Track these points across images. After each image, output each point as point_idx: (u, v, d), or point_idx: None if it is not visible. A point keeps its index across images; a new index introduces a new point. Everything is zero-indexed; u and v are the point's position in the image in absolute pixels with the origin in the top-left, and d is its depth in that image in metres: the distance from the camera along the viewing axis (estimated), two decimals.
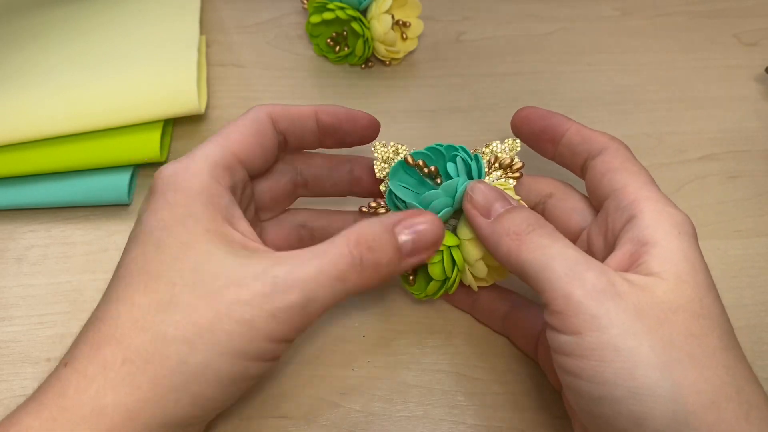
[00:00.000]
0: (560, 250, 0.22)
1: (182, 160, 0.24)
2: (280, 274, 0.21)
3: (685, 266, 0.22)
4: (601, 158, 0.26)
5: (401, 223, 0.24)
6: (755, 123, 0.40)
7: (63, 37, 0.38)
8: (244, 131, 0.26)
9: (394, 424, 0.28)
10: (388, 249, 0.23)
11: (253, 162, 0.26)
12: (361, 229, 0.23)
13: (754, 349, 0.31)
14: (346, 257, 0.22)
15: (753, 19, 0.46)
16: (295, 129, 0.27)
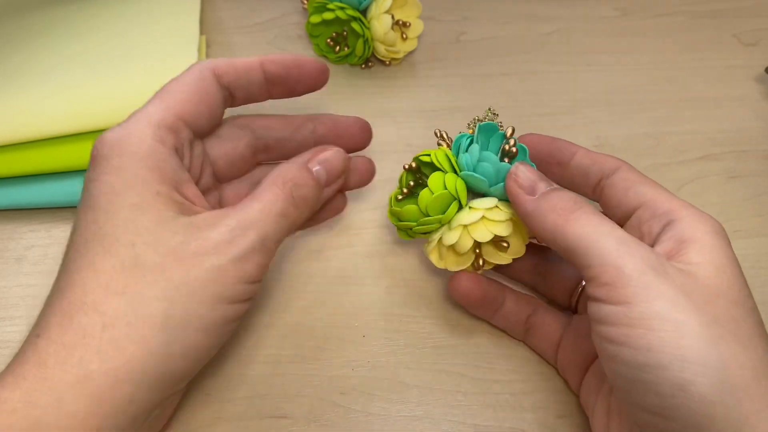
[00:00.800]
0: (610, 228, 0.23)
1: (124, 124, 0.24)
2: (232, 222, 0.23)
3: (723, 259, 0.23)
4: (619, 176, 0.27)
5: (312, 159, 0.27)
6: (755, 123, 0.40)
7: (63, 36, 0.38)
8: (187, 89, 0.25)
9: (394, 424, 0.28)
10: (309, 182, 0.27)
11: (198, 121, 0.26)
12: (284, 172, 0.26)
13: None
14: (281, 196, 0.25)
15: (753, 19, 0.46)
16: (240, 82, 0.27)
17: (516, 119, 0.40)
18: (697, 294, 0.21)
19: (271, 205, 0.25)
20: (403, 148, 0.38)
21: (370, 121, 0.39)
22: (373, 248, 0.34)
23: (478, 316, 0.31)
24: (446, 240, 0.27)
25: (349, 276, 0.33)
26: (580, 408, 0.28)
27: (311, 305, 0.31)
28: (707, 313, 0.21)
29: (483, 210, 0.27)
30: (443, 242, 0.28)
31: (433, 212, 0.27)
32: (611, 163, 0.28)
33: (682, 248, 0.23)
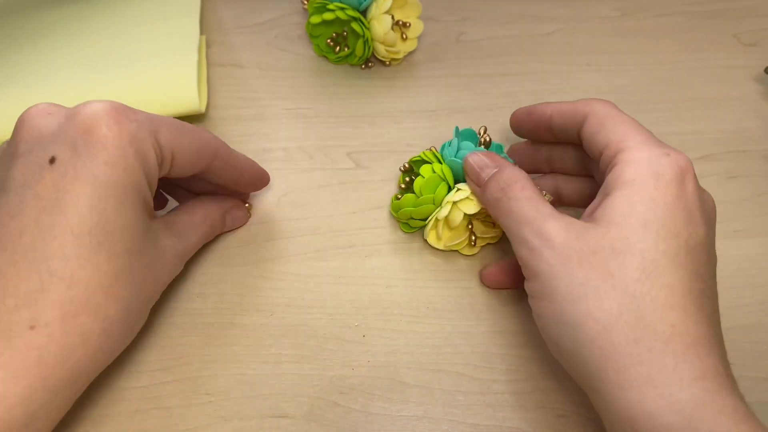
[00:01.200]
0: (518, 214, 0.27)
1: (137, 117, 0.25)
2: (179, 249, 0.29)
3: (624, 210, 0.24)
4: (585, 126, 0.29)
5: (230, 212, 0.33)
6: (755, 123, 0.40)
7: (64, 36, 0.38)
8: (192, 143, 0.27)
9: (394, 424, 0.28)
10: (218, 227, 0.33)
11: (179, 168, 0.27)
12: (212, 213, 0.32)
13: (754, 349, 0.31)
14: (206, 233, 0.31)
15: (753, 19, 0.46)
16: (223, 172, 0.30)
17: None
18: (576, 257, 0.24)
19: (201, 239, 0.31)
20: (403, 148, 0.38)
21: (370, 121, 0.39)
22: (373, 248, 0.34)
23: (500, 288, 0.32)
24: (440, 215, 0.31)
25: (349, 276, 0.33)
26: (580, 408, 0.28)
27: (311, 305, 0.31)
28: (578, 275, 0.24)
29: (465, 191, 0.31)
30: (438, 217, 0.31)
31: (426, 193, 0.31)
32: (580, 112, 0.29)
33: (598, 205, 0.26)
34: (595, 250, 0.24)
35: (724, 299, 0.32)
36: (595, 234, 0.24)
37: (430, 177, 0.31)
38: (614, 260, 0.23)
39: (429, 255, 0.34)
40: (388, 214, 0.35)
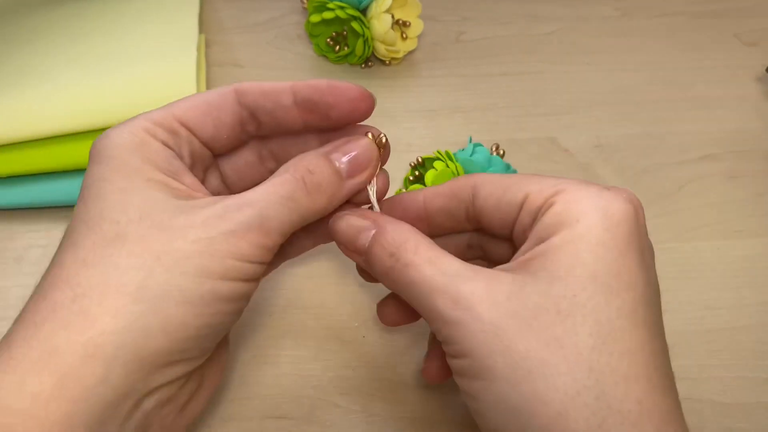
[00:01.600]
0: (421, 283, 0.21)
1: (121, 123, 0.23)
2: (230, 201, 0.22)
3: (567, 259, 0.20)
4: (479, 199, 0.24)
5: (336, 150, 0.25)
6: (756, 123, 0.40)
7: (63, 36, 0.38)
8: (197, 100, 0.24)
9: (394, 424, 0.28)
10: (326, 171, 0.24)
11: (203, 129, 0.24)
12: (299, 159, 0.24)
13: (754, 349, 0.31)
14: (290, 179, 0.23)
15: (753, 19, 0.46)
16: (265, 104, 0.24)
17: (516, 119, 0.40)
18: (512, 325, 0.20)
19: (277, 188, 0.22)
20: (404, 148, 0.38)
21: (369, 122, 0.39)
22: None
23: None
24: None
25: (349, 276, 0.32)
26: None
27: (311, 305, 0.31)
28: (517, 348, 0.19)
29: None
30: None
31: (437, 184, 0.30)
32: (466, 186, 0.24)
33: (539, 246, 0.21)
34: (535, 313, 0.20)
35: (724, 299, 0.33)
36: (533, 292, 0.20)
37: (443, 170, 0.31)
38: (561, 325, 0.19)
39: None
40: None
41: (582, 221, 0.20)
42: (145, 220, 0.21)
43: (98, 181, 0.22)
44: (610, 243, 0.20)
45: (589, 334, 0.19)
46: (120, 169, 0.22)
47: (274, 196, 0.22)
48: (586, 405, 0.19)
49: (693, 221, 0.36)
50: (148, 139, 0.23)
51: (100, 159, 0.22)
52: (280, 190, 0.22)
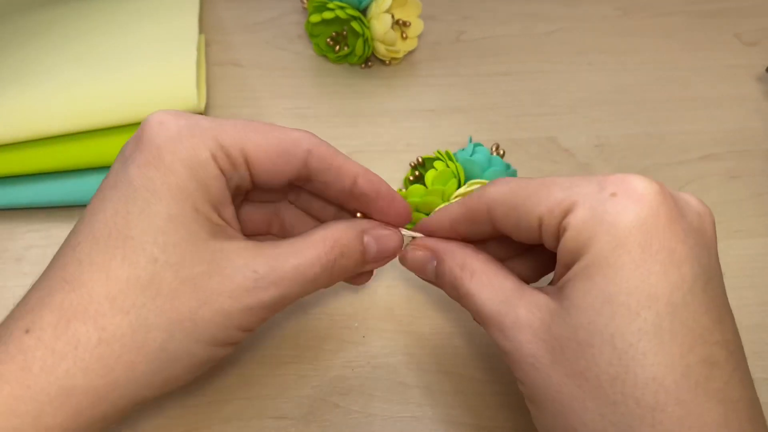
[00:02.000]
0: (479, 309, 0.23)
1: (190, 122, 0.22)
2: (260, 270, 0.22)
3: (582, 286, 0.19)
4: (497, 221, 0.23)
5: (370, 231, 0.25)
6: (756, 123, 0.40)
7: (62, 36, 0.38)
8: (270, 140, 0.23)
9: (394, 424, 0.28)
10: (356, 255, 0.25)
11: (262, 172, 0.24)
12: (337, 234, 0.24)
13: (754, 350, 0.31)
14: (322, 260, 0.23)
15: (753, 19, 0.46)
16: (328, 176, 0.24)
17: (516, 119, 0.40)
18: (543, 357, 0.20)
19: (309, 269, 0.23)
20: (403, 148, 0.38)
21: (369, 121, 0.39)
22: None
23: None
24: None
25: None
26: None
27: (311, 305, 0.31)
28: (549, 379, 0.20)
29: (479, 183, 0.31)
30: None
31: (437, 185, 0.31)
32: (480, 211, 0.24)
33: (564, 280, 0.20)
34: (561, 344, 0.19)
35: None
36: (559, 323, 0.20)
37: (443, 170, 0.31)
38: (583, 357, 0.19)
39: None
40: None
41: (592, 246, 0.19)
42: (181, 268, 0.21)
43: (149, 190, 0.21)
44: (623, 259, 0.19)
45: (609, 363, 0.18)
46: (174, 188, 0.21)
47: (301, 278, 0.23)
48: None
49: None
50: (209, 163, 0.22)
51: (158, 164, 0.21)
52: (309, 272, 0.23)
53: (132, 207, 0.21)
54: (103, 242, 0.21)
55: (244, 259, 0.22)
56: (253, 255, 0.22)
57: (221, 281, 0.21)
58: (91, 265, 0.21)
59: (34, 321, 0.20)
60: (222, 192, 0.23)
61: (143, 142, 0.22)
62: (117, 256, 0.21)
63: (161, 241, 0.21)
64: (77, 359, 0.20)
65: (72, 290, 0.21)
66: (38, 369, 0.20)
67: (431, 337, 0.31)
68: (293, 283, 0.23)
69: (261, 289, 0.22)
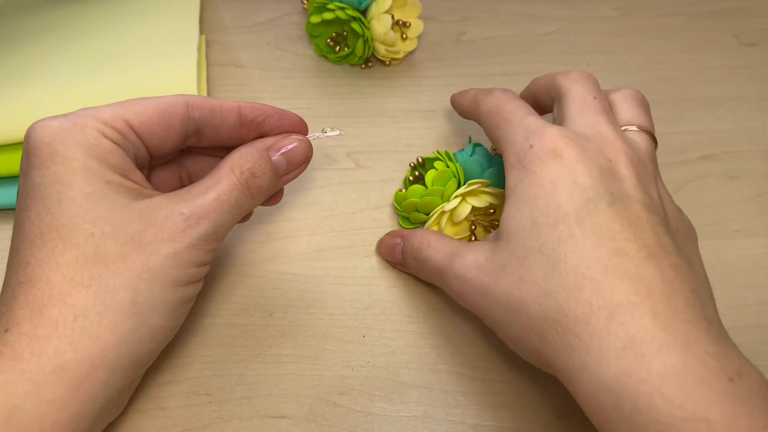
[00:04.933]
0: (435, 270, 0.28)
1: (67, 115, 0.24)
2: (186, 211, 0.24)
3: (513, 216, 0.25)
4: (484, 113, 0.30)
5: (273, 147, 0.27)
6: (755, 123, 0.40)
7: (63, 36, 0.38)
8: (148, 106, 0.25)
9: (394, 424, 0.28)
10: (267, 173, 0.27)
11: (150, 137, 0.25)
12: (243, 159, 0.26)
13: (754, 349, 0.31)
14: (236, 186, 0.25)
15: (753, 19, 0.46)
16: (213, 120, 0.26)
17: None
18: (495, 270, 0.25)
19: (227, 196, 0.25)
20: (403, 148, 0.38)
21: (370, 121, 0.39)
22: (373, 248, 0.34)
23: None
24: (446, 207, 0.31)
25: (349, 276, 0.33)
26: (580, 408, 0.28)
27: (311, 305, 0.31)
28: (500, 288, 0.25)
29: (479, 183, 0.31)
30: (444, 209, 0.31)
31: (437, 185, 0.31)
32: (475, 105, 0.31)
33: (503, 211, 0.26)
34: (504, 265, 0.25)
35: (725, 299, 0.32)
36: (500, 251, 0.25)
37: (443, 170, 0.32)
38: (521, 266, 0.24)
39: None
40: (388, 214, 0.35)
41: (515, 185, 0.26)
42: (117, 234, 0.23)
43: (57, 183, 0.23)
44: (539, 192, 0.25)
45: (541, 265, 0.24)
46: (79, 171, 0.23)
47: (225, 205, 0.25)
48: (554, 321, 0.23)
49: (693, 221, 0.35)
50: (100, 139, 0.24)
51: (54, 158, 0.23)
52: (229, 199, 0.25)
53: (50, 202, 0.23)
54: (39, 240, 0.22)
55: (167, 207, 0.24)
56: (174, 201, 0.24)
57: (156, 232, 0.23)
58: (37, 261, 0.22)
59: (9, 320, 0.22)
60: (124, 161, 0.24)
61: (32, 147, 0.23)
62: (57, 245, 0.22)
63: (89, 217, 0.23)
64: (62, 337, 0.21)
65: (31, 286, 0.22)
66: (29, 354, 0.21)
67: (431, 337, 0.31)
68: (219, 213, 0.25)
69: (193, 227, 0.24)
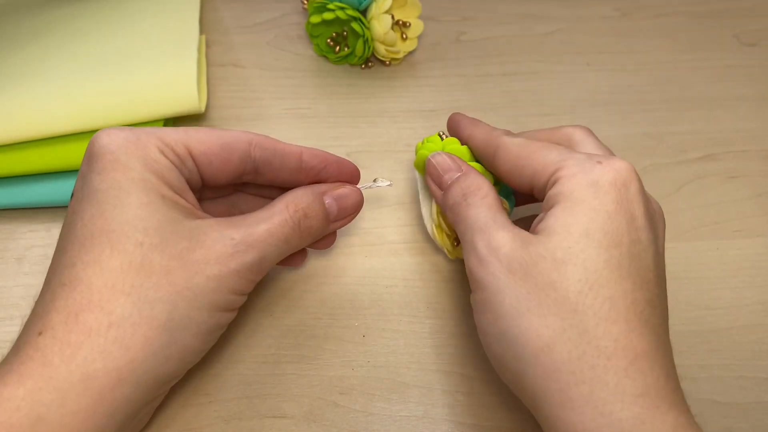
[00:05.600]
0: (474, 220, 0.26)
1: (132, 128, 0.25)
2: (236, 237, 0.24)
3: (565, 220, 0.23)
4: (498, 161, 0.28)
5: (328, 193, 0.28)
6: (755, 123, 0.40)
7: (63, 36, 0.38)
8: (211, 137, 0.26)
9: (394, 424, 0.28)
10: (319, 215, 0.27)
11: (207, 166, 0.26)
12: (298, 199, 0.27)
13: (754, 349, 0.31)
14: (288, 223, 0.26)
15: (753, 19, 0.46)
16: (273, 161, 0.27)
17: (516, 119, 0.40)
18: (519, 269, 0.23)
19: (278, 230, 0.25)
20: (403, 148, 0.38)
21: (370, 121, 0.39)
22: (374, 248, 0.34)
23: None
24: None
25: (349, 276, 0.33)
26: None
27: (311, 305, 0.31)
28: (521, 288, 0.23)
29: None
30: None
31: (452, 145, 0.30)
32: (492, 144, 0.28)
33: (546, 213, 0.24)
34: (536, 260, 0.23)
35: (725, 299, 0.33)
36: (537, 244, 0.23)
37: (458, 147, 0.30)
38: (556, 271, 0.22)
39: (429, 255, 0.34)
40: (388, 214, 0.35)
41: (576, 192, 0.24)
42: (165, 247, 0.23)
43: (115, 189, 0.23)
44: (600, 208, 0.23)
45: (578, 279, 0.22)
46: (138, 181, 0.23)
47: (274, 239, 0.25)
48: (570, 339, 0.22)
49: (692, 221, 0.36)
50: (160, 157, 0.24)
51: (115, 166, 0.23)
52: (280, 233, 0.25)
53: (105, 206, 0.23)
54: (88, 243, 0.22)
55: (218, 231, 0.24)
56: (226, 226, 0.25)
57: (204, 252, 0.23)
58: (83, 264, 0.22)
59: (44, 324, 0.22)
60: (180, 180, 0.25)
61: (96, 153, 0.24)
62: (105, 249, 0.22)
63: (141, 226, 0.23)
64: (93, 345, 0.21)
65: (72, 289, 0.22)
66: (58, 361, 0.21)
67: (431, 337, 0.31)
68: (268, 245, 0.25)
69: (241, 253, 0.24)
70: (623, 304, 0.22)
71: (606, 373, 0.21)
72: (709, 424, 0.29)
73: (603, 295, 0.22)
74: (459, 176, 0.28)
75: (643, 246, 0.23)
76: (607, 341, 0.21)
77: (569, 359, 0.22)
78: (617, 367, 0.21)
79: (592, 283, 0.22)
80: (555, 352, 0.22)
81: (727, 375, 0.30)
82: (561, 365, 0.22)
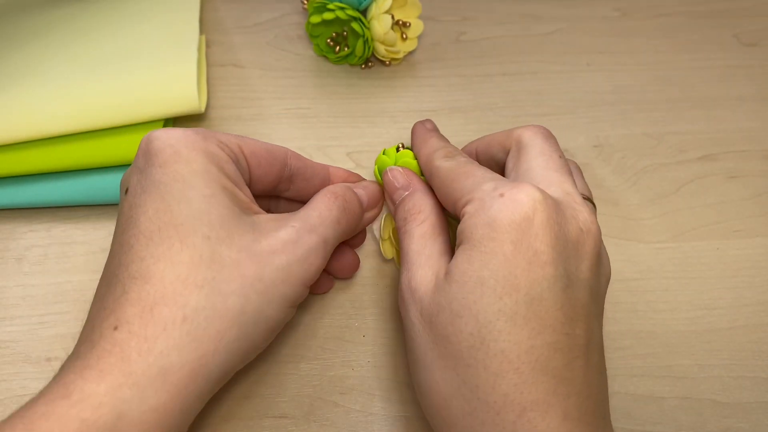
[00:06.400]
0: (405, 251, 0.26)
1: (189, 128, 0.25)
2: (297, 224, 0.25)
3: (462, 266, 0.23)
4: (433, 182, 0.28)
5: (355, 186, 0.30)
6: (755, 123, 0.40)
7: (63, 36, 0.38)
8: (259, 144, 0.27)
9: (394, 424, 0.28)
10: (355, 200, 0.28)
11: (256, 167, 0.27)
12: (332, 188, 0.28)
13: (754, 349, 0.31)
14: (336, 205, 0.27)
15: (753, 19, 0.46)
16: (305, 171, 0.29)
17: (516, 119, 0.40)
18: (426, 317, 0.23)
19: (329, 212, 0.26)
20: None
21: (370, 121, 0.39)
22: (373, 248, 0.34)
23: None
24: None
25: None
26: None
27: (311, 305, 0.31)
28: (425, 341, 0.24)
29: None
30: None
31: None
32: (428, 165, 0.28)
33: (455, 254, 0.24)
34: (438, 310, 0.23)
35: (724, 299, 0.33)
36: (440, 292, 0.23)
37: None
38: (451, 324, 0.22)
39: None
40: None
41: (474, 233, 0.23)
42: (232, 240, 0.23)
43: (179, 182, 0.23)
44: (497, 250, 0.22)
45: (470, 333, 0.22)
46: (200, 173, 0.23)
47: (328, 221, 0.26)
48: (462, 396, 0.22)
49: (692, 221, 0.36)
50: (218, 151, 0.25)
51: (177, 158, 0.23)
52: (332, 216, 0.26)
53: (170, 199, 0.23)
54: (156, 237, 0.22)
55: (278, 221, 0.25)
56: (282, 219, 0.25)
57: (270, 242, 0.24)
58: (153, 257, 0.22)
59: (118, 318, 0.21)
60: (237, 174, 0.25)
61: (155, 148, 0.24)
62: (174, 243, 0.22)
63: (206, 220, 0.23)
64: (168, 338, 0.21)
65: (145, 282, 0.22)
66: (136, 355, 0.21)
67: None
68: (326, 228, 0.26)
69: (305, 237, 0.24)
70: (515, 355, 0.21)
71: (494, 429, 0.21)
72: (709, 424, 0.29)
73: (494, 349, 0.21)
74: (405, 196, 0.28)
75: (548, 284, 0.22)
76: (496, 396, 0.21)
77: (462, 415, 0.22)
78: (506, 422, 0.21)
79: (483, 337, 0.22)
80: (452, 407, 0.22)
81: (727, 375, 0.30)
82: (456, 420, 0.22)
